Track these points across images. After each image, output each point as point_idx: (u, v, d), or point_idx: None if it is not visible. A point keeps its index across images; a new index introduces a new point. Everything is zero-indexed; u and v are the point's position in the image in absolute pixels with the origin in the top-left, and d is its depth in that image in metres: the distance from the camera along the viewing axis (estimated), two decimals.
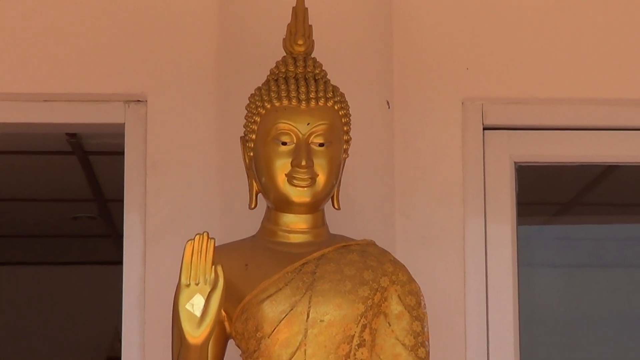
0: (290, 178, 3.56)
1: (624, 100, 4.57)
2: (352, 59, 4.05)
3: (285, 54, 3.72)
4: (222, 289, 3.34)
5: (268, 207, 3.69)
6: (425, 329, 3.63)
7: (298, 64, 3.68)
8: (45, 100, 4.55)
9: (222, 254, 3.45)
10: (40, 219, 9.47)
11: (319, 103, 3.60)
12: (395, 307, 3.58)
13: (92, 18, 4.52)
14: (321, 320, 3.49)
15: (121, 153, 4.52)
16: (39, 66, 4.51)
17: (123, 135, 4.51)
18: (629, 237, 8.05)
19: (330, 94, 3.63)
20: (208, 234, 3.37)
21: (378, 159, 4.22)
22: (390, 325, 3.57)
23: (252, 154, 3.66)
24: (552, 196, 6.67)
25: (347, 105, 3.68)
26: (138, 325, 4.39)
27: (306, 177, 3.55)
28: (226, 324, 3.56)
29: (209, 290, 3.33)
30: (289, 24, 3.72)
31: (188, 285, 3.33)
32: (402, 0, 4.44)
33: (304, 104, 3.59)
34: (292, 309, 3.49)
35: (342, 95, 3.67)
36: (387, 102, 4.30)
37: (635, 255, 8.02)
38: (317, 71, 3.68)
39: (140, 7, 4.49)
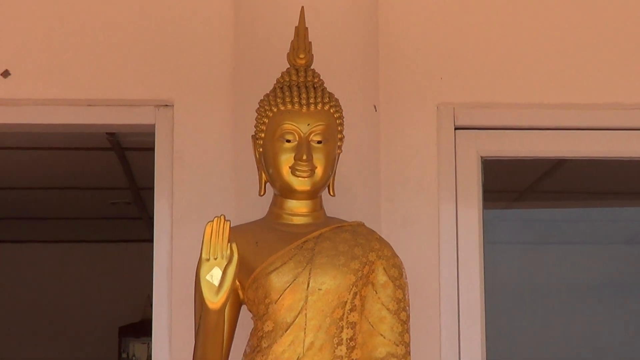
0: (293, 170, 3.57)
1: (571, 104, 4.56)
2: (344, 70, 4.04)
3: (289, 66, 3.73)
4: (236, 262, 3.35)
5: (275, 194, 3.70)
6: (406, 296, 3.63)
7: (300, 75, 3.69)
8: (89, 105, 4.54)
9: (236, 233, 3.45)
10: (84, 204, 9.46)
11: (317, 107, 3.61)
12: (381, 277, 3.59)
13: (128, 36, 4.51)
14: (319, 289, 3.49)
15: (152, 149, 4.51)
16: (83, 76, 4.50)
17: (154, 134, 4.51)
18: (576, 219, 8.05)
19: (326, 100, 3.64)
20: (225, 216, 3.38)
21: (366, 154, 4.22)
22: (376, 292, 3.58)
23: (261, 149, 3.67)
24: (512, 185, 6.66)
25: (340, 108, 3.68)
26: (166, 293, 4.39)
27: (306, 169, 3.56)
28: (240, 292, 3.56)
29: (225, 263, 3.34)
30: (292, 41, 3.72)
31: (208, 260, 3.34)
32: (387, 20, 4.42)
33: (305, 108, 3.59)
34: (295, 280, 3.50)
35: (336, 100, 3.68)
36: (374, 106, 4.30)
37: (581, 234, 8.03)
38: (316, 80, 3.68)
39: (167, 27, 4.49)
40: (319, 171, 3.59)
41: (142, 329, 8.32)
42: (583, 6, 4.60)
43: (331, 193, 3.73)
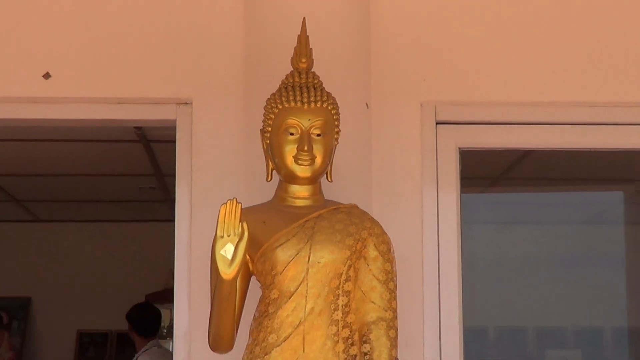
0: (296, 159, 3.59)
1: (537, 103, 4.56)
2: (341, 73, 4.03)
3: (292, 69, 3.74)
4: (246, 239, 3.36)
5: (280, 180, 3.71)
6: (394, 269, 3.64)
7: (302, 76, 3.70)
8: (119, 103, 4.53)
9: (246, 214, 3.45)
10: (116, 189, 9.46)
11: (317, 105, 3.62)
12: (372, 252, 3.59)
13: (152, 43, 4.50)
14: (318, 262, 3.50)
15: (174, 141, 4.50)
16: (114, 77, 4.50)
17: (175, 128, 4.50)
18: (542, 202, 8.05)
19: (325, 98, 3.65)
20: (236, 199, 3.40)
21: (359, 146, 4.21)
22: (368, 265, 3.58)
23: (268, 141, 3.69)
24: (486, 172, 6.66)
25: (337, 106, 3.70)
26: (186, 265, 4.38)
27: (307, 158, 3.58)
28: (249, 264, 3.56)
29: (237, 240, 3.35)
30: (295, 47, 3.74)
31: (222, 237, 3.36)
32: (378, 30, 4.41)
33: (306, 105, 3.61)
34: (297, 254, 3.50)
35: (333, 99, 3.69)
36: (366, 104, 4.29)
37: (546, 215, 8.02)
38: (316, 81, 3.70)
39: (187, 35, 4.48)
40: (318, 160, 3.61)
41: (165, 296, 8.29)
42: (550, 14, 4.59)
43: (329, 179, 3.73)
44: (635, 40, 4.59)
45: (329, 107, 3.66)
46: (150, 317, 8.42)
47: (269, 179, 3.73)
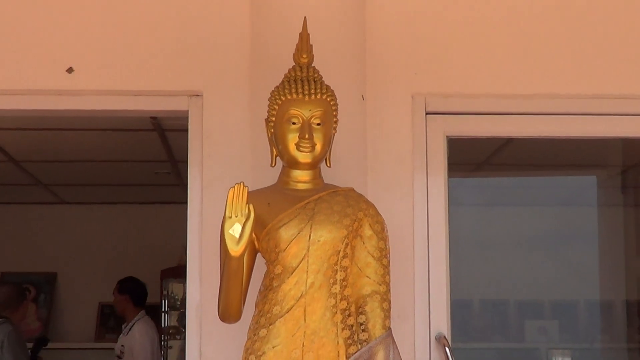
0: (297, 146, 3.59)
1: (517, 95, 4.56)
2: (339, 67, 4.02)
3: (294, 64, 3.73)
4: (252, 219, 3.36)
5: (283, 165, 3.70)
6: (387, 246, 3.64)
7: (303, 70, 3.70)
8: (136, 95, 4.53)
9: (253, 196, 3.45)
10: (134, 174, 9.45)
11: (317, 96, 3.62)
12: (367, 231, 3.59)
13: (166, 41, 4.50)
14: (318, 240, 3.50)
15: (186, 130, 4.50)
16: (131, 72, 4.50)
17: (187, 118, 4.49)
18: (522, 186, 8.05)
19: (324, 90, 3.65)
20: (243, 183, 3.40)
21: (356, 134, 4.21)
22: (364, 243, 3.58)
23: (272, 130, 3.68)
24: (470, 158, 6.66)
25: (335, 97, 3.69)
26: (198, 243, 4.38)
27: (308, 145, 3.58)
28: (255, 242, 3.56)
29: (244, 220, 3.36)
30: (297, 44, 3.75)
31: (230, 217, 3.36)
32: (372, 28, 4.40)
33: (307, 97, 3.61)
34: (299, 233, 3.50)
35: (332, 91, 3.68)
36: (362, 96, 4.29)
37: (525, 198, 8.03)
38: (316, 75, 3.70)
39: (198, 34, 4.48)
40: (318, 147, 3.61)
41: (179, 272, 8.27)
42: (531, 15, 4.59)
43: (328, 165, 3.73)
44: (608, 38, 4.59)
45: (328, 99, 3.66)
46: (142, 289, 8.54)
47: (273, 165, 3.73)
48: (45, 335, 8.84)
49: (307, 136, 3.58)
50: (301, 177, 3.66)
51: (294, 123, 3.60)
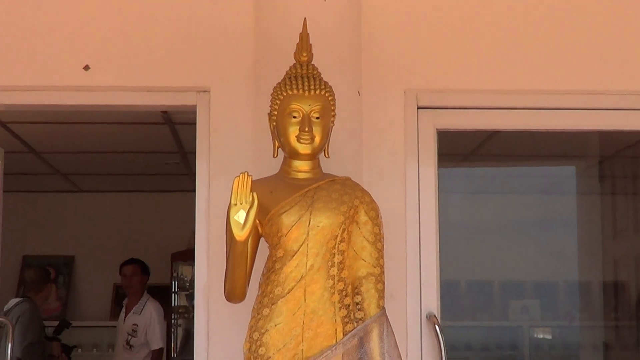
0: (298, 138, 3.58)
1: (502, 90, 4.55)
2: (336, 65, 4.01)
3: (295, 62, 3.73)
4: (256, 206, 3.36)
5: (285, 156, 3.69)
6: (381, 231, 3.64)
7: (303, 68, 3.70)
8: (148, 91, 4.52)
9: (256, 185, 3.44)
10: (146, 164, 9.46)
11: (316, 92, 3.62)
12: (362, 217, 3.59)
13: (176, 40, 4.48)
14: (317, 226, 3.49)
15: (194, 123, 4.49)
16: (143, 69, 4.48)
17: (196, 112, 4.49)
18: (506, 175, 8.06)
19: (323, 87, 3.64)
20: (248, 172, 3.40)
21: (352, 127, 4.20)
22: (359, 228, 3.58)
23: (275, 123, 3.68)
24: (458, 149, 6.66)
25: (333, 93, 3.69)
26: (205, 228, 4.37)
27: (308, 137, 3.58)
28: (259, 228, 3.55)
29: (248, 207, 3.36)
30: (297, 43, 3.74)
31: (235, 204, 3.36)
32: (368, 29, 4.39)
33: (307, 92, 3.60)
34: (299, 219, 3.50)
35: (330, 87, 3.67)
36: (358, 92, 4.28)
37: (509, 186, 8.03)
38: (315, 72, 3.69)
39: (205, 34, 4.47)
40: (317, 139, 3.60)
41: (188, 255, 8.30)
42: (514, 18, 4.58)
43: (326, 155, 3.73)
44: (586, 39, 4.58)
45: (326, 94, 3.65)
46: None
47: (275, 156, 3.72)
48: (66, 319, 8.81)
49: (307, 129, 3.58)
50: (301, 167, 3.66)
51: (294, 117, 3.60)
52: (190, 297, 10.46)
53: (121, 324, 8.01)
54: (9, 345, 5.66)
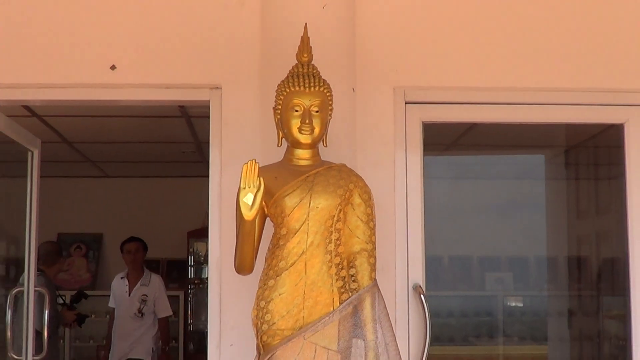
0: (300, 129, 3.58)
1: (480, 87, 4.55)
2: (333, 64, 3.99)
3: (297, 62, 3.72)
4: (262, 190, 3.36)
5: (288, 145, 3.68)
6: (373, 212, 3.63)
7: (304, 67, 3.69)
8: (167, 88, 4.51)
9: (262, 170, 3.43)
10: (165, 152, 9.45)
11: (315, 89, 3.61)
12: (356, 199, 3.58)
13: (192, 44, 4.48)
14: (317, 207, 3.49)
15: (208, 116, 4.48)
16: (163, 68, 4.48)
17: (209, 106, 4.48)
18: (483, 162, 8.05)
19: (321, 84, 3.63)
20: (255, 160, 3.38)
21: (347, 119, 4.19)
22: (354, 209, 3.56)
23: (279, 116, 3.66)
24: (441, 140, 6.64)
25: (330, 89, 3.67)
26: (218, 209, 4.36)
27: (308, 129, 3.57)
28: (265, 209, 3.54)
29: (255, 190, 3.35)
30: (299, 46, 3.73)
31: (244, 188, 3.35)
32: (361, 33, 4.39)
33: (307, 89, 3.59)
34: (300, 201, 3.49)
35: (328, 84, 3.66)
36: (353, 89, 4.27)
37: (486, 172, 8.02)
38: (314, 71, 3.68)
39: (218, 38, 4.46)
40: (316, 130, 3.59)
41: (203, 233, 8.28)
42: (492, 23, 4.57)
43: (324, 145, 3.72)
44: (556, 41, 4.57)
45: (325, 91, 3.63)
46: None
47: (279, 145, 3.71)
48: (84, 291, 8.75)
49: (307, 121, 3.57)
50: (302, 155, 3.64)
51: (296, 110, 3.59)
52: (205, 270, 10.48)
53: (126, 296, 7.89)
54: (46, 312, 5.65)
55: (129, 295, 7.88)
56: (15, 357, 5.21)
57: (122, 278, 8.04)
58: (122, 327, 7.85)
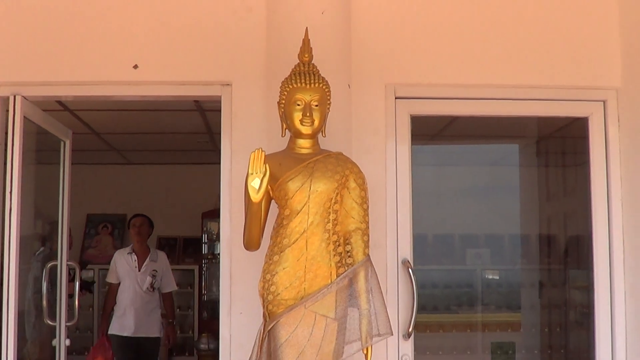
0: (301, 122, 3.57)
1: (461, 84, 4.53)
2: (331, 63, 3.97)
3: (298, 61, 3.71)
4: (268, 175, 3.35)
5: (290, 136, 3.67)
6: (367, 195, 3.62)
7: (305, 66, 3.68)
8: (183, 84, 4.50)
9: (268, 158, 3.43)
10: (182, 142, 9.43)
11: (315, 85, 3.59)
12: (352, 184, 3.57)
13: (205, 45, 4.47)
14: (316, 190, 3.48)
15: (220, 110, 4.47)
16: (181, 68, 4.47)
17: (221, 101, 4.46)
18: (464, 151, 8.03)
19: (320, 81, 3.62)
20: (261, 148, 3.38)
21: (344, 113, 4.17)
22: (349, 192, 3.56)
23: (283, 110, 3.65)
24: (427, 131, 6.62)
25: (329, 86, 3.66)
26: (228, 192, 4.36)
27: (309, 121, 3.56)
28: (270, 192, 3.54)
29: (262, 176, 3.34)
30: (301, 47, 3.71)
31: (252, 174, 3.34)
32: (357, 34, 4.37)
33: (308, 85, 3.58)
34: (302, 185, 3.48)
35: (326, 81, 3.65)
36: (349, 85, 4.25)
37: (466, 159, 8.01)
38: (314, 69, 3.67)
39: (227, 41, 4.45)
40: (316, 122, 3.59)
41: (215, 213, 8.28)
42: (472, 28, 4.55)
43: (323, 135, 3.71)
44: (528, 44, 4.56)
45: (324, 87, 3.62)
46: None
47: (283, 135, 3.70)
48: (94, 281, 8.42)
49: (308, 114, 3.56)
50: (304, 144, 3.63)
51: (298, 105, 3.58)
52: (217, 246, 10.49)
53: (136, 272, 7.42)
54: (77, 283, 5.65)
55: (139, 270, 7.44)
56: (51, 322, 5.23)
57: (128, 253, 7.55)
58: (133, 301, 7.36)
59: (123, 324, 7.35)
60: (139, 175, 11.02)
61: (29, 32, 4.49)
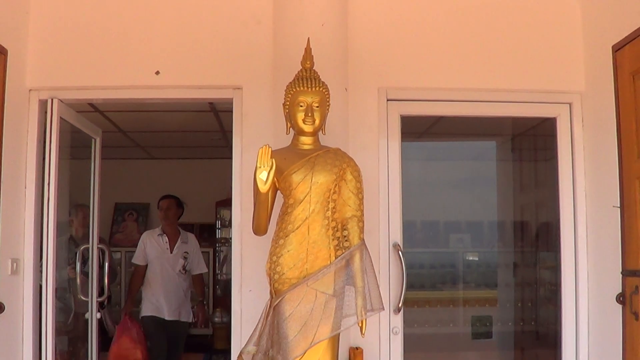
0: (304, 121, 3.57)
1: (446, 88, 4.54)
2: (330, 69, 3.97)
3: (301, 67, 3.70)
4: (274, 168, 3.35)
5: (294, 133, 3.66)
6: (362, 186, 3.62)
7: (307, 72, 3.67)
8: (199, 88, 4.50)
9: (274, 153, 3.43)
10: (198, 139, 9.42)
11: (316, 89, 3.59)
12: (349, 176, 3.57)
13: (218, 51, 4.45)
14: (317, 182, 3.48)
15: (232, 111, 4.47)
16: (197, 73, 4.47)
17: (232, 103, 4.46)
18: (448, 147, 8.02)
19: (321, 85, 3.62)
20: (268, 144, 3.37)
21: (341, 113, 4.17)
22: (346, 184, 3.55)
23: (287, 111, 3.64)
24: (416, 129, 6.61)
25: (328, 89, 3.66)
26: (239, 184, 4.36)
27: (311, 120, 3.56)
28: (276, 183, 3.53)
29: (268, 169, 3.33)
30: (303, 55, 3.71)
31: (260, 167, 3.34)
32: (353, 42, 4.37)
33: (310, 89, 3.58)
34: (304, 177, 3.48)
35: (326, 85, 3.65)
36: (345, 88, 4.25)
37: (450, 154, 8.00)
38: (316, 75, 3.66)
39: (238, 47, 4.44)
40: (317, 121, 3.58)
41: (227, 202, 8.27)
42: (453, 35, 4.54)
43: (323, 133, 3.70)
44: (506, 52, 4.56)
45: (324, 90, 3.62)
46: None
47: (287, 133, 3.70)
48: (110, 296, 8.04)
49: (309, 114, 3.56)
50: (306, 141, 3.63)
51: (301, 106, 3.57)
52: (229, 231, 10.48)
53: (168, 253, 6.68)
54: (107, 264, 5.65)
55: (171, 252, 6.71)
56: (84, 298, 5.24)
57: (159, 235, 6.78)
58: (166, 283, 6.59)
59: (157, 306, 6.56)
60: (160, 169, 10.99)
61: (64, 44, 4.49)
